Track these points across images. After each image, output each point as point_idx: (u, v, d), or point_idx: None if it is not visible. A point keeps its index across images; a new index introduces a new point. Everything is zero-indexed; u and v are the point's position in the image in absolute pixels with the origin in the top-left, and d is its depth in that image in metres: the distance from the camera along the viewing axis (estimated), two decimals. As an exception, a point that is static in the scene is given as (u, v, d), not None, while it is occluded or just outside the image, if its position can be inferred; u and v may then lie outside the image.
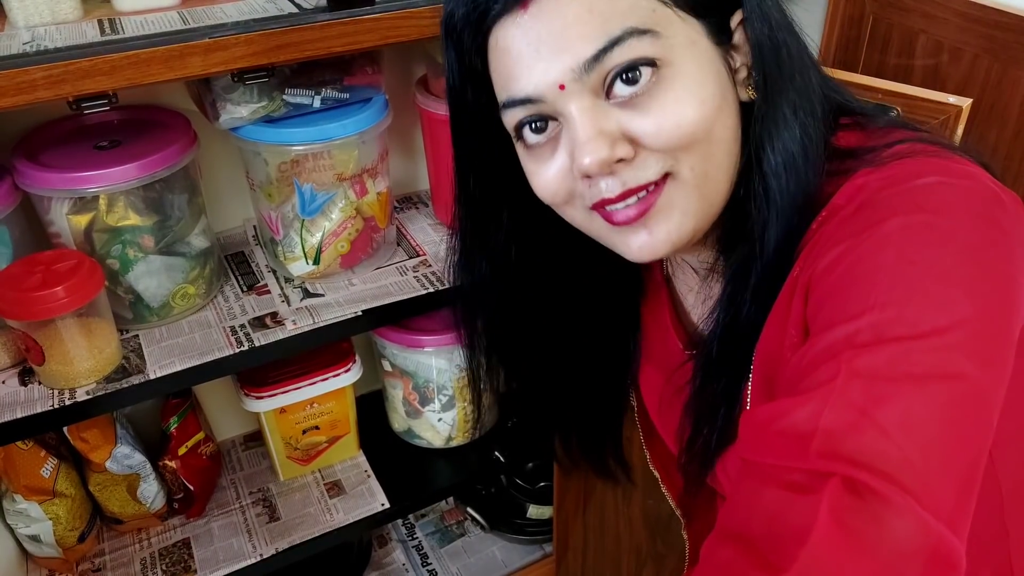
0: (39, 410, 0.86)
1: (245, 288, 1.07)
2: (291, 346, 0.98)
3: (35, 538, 1.11)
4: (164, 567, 1.15)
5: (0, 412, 0.86)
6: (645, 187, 0.53)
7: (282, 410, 1.21)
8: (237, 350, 0.95)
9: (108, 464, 1.12)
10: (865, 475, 0.41)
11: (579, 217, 0.58)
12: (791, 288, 0.54)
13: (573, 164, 0.53)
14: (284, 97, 0.94)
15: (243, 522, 1.22)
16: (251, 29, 0.75)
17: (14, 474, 1.07)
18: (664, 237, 0.55)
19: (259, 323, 0.99)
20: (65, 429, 1.10)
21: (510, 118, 0.56)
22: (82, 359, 0.88)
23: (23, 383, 0.91)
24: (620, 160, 0.52)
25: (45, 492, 1.09)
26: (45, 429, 1.01)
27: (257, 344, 0.96)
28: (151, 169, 0.90)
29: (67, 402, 0.87)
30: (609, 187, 0.53)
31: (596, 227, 0.58)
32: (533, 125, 0.55)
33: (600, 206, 0.55)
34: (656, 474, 0.90)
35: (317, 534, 1.19)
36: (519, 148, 0.59)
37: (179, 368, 0.92)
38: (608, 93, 0.52)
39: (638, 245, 0.56)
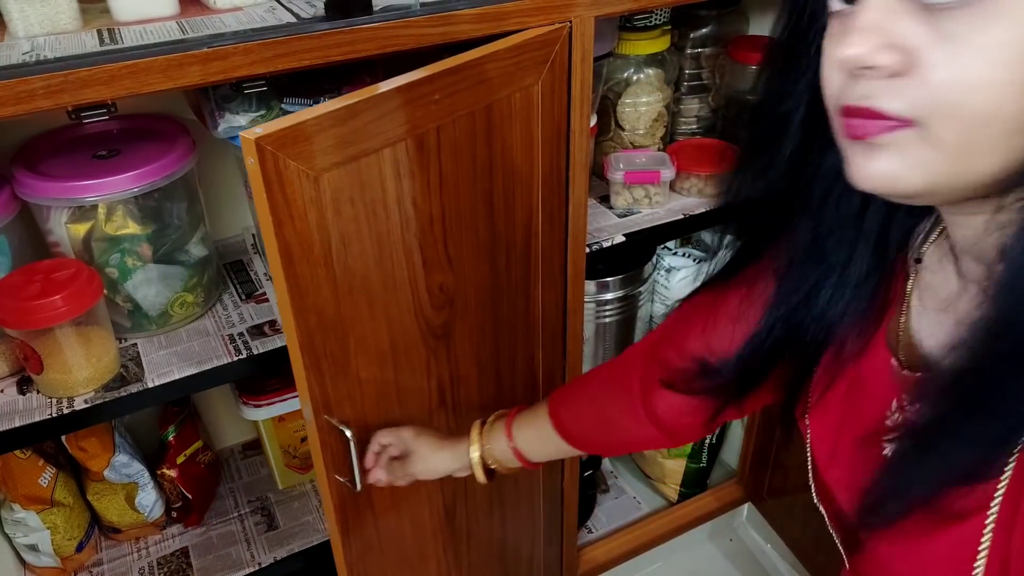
0: (37, 419, 0.86)
1: (244, 296, 1.07)
2: (290, 354, 0.98)
3: (33, 547, 1.10)
4: (162, 576, 1.15)
5: (-2, 421, 0.86)
6: (883, 116, 0.42)
7: (280, 418, 1.21)
8: (235, 358, 0.95)
9: (106, 473, 1.12)
10: None
11: (833, 122, 0.48)
12: None
13: None
14: (282, 106, 0.94)
15: (241, 531, 1.22)
16: (249, 38, 0.75)
17: (12, 483, 1.06)
18: (879, 174, 0.44)
19: (257, 331, 0.99)
20: (63, 438, 1.10)
21: None
22: (80, 368, 0.88)
23: (21, 392, 0.91)
24: (874, 68, 0.42)
25: (43, 501, 1.09)
26: (43, 438, 1.01)
27: (255, 352, 0.96)
28: (150, 178, 0.90)
29: (65, 411, 0.87)
30: (855, 91, 0.44)
31: (838, 138, 0.48)
32: None
33: (843, 113, 0.45)
34: (822, 509, 0.71)
35: (315, 543, 1.19)
36: (829, 25, 0.48)
37: (177, 377, 0.92)
38: None
39: (857, 164, 0.45)
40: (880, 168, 0.44)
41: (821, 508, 0.71)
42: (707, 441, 1.62)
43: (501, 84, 0.84)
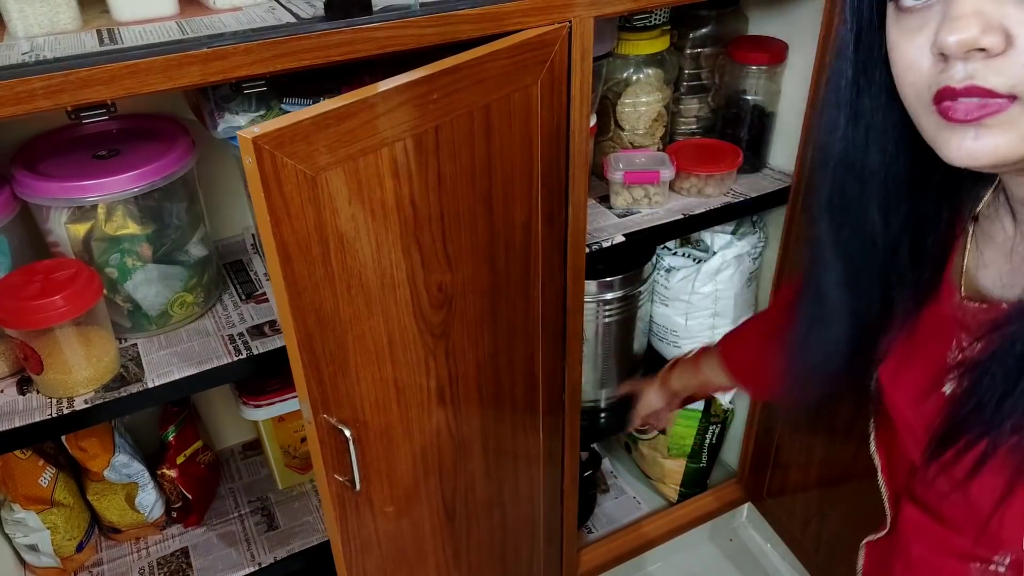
0: (37, 419, 0.87)
1: (244, 296, 1.07)
2: (289, 354, 0.98)
3: (33, 548, 1.11)
4: (162, 576, 1.15)
5: (-2, 421, 0.87)
6: (989, 93, 0.48)
7: (280, 418, 1.21)
8: (235, 358, 0.95)
9: (106, 473, 1.12)
10: None
11: (918, 107, 0.53)
12: None
13: (935, 40, 0.49)
14: (282, 106, 0.94)
15: (242, 531, 1.22)
16: (249, 38, 0.76)
17: (12, 483, 1.06)
18: (989, 148, 0.50)
19: (257, 331, 1.00)
20: (63, 438, 1.10)
21: None
22: (80, 368, 0.88)
23: (21, 392, 0.91)
24: (982, 50, 0.47)
25: (43, 501, 1.09)
26: (43, 438, 1.01)
27: (255, 352, 0.96)
28: (149, 178, 0.90)
29: (65, 411, 0.87)
30: (958, 73, 0.48)
31: (926, 122, 0.53)
32: None
33: (940, 98, 0.50)
34: (877, 460, 0.77)
35: (315, 543, 1.19)
36: (890, 13, 0.53)
37: (177, 377, 0.92)
38: None
39: (959, 145, 0.50)
40: (988, 145, 0.49)
41: (877, 459, 0.78)
42: (707, 441, 1.62)
43: (500, 84, 0.84)
